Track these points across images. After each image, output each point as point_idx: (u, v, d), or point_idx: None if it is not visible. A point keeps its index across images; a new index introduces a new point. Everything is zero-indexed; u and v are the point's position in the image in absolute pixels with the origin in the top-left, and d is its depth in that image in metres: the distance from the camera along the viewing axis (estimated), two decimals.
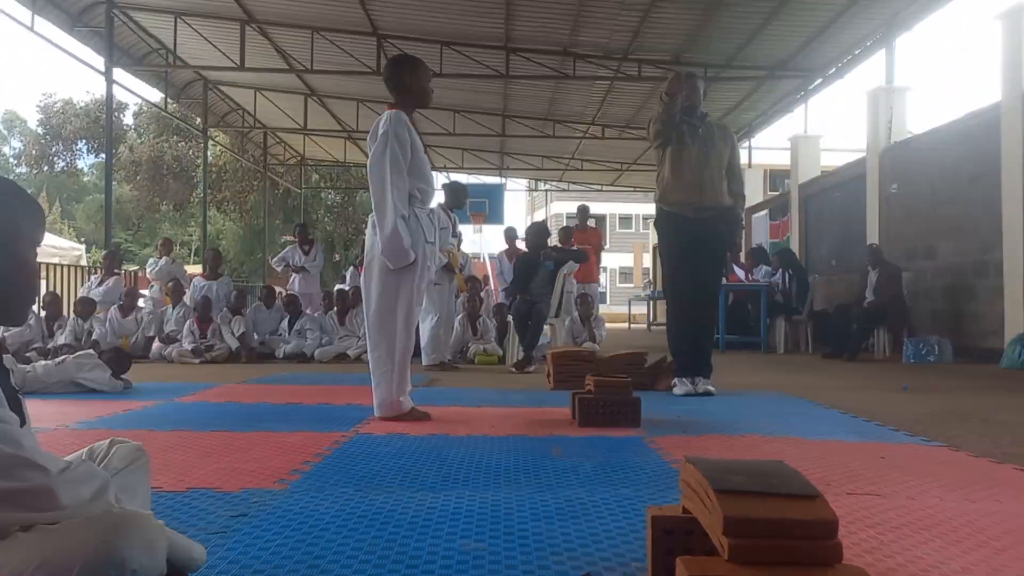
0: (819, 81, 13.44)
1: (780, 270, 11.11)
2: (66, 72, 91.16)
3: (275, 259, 12.12)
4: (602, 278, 19.20)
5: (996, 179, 8.26)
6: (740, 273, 11.16)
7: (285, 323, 9.49)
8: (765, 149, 22.03)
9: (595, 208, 21.20)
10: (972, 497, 2.44)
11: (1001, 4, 8.25)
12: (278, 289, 11.74)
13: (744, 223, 5.36)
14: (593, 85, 14.48)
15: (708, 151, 5.24)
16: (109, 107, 13.26)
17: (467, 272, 9.04)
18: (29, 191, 1.45)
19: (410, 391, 4.11)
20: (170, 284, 9.95)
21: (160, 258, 11.21)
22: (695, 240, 5.23)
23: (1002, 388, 5.97)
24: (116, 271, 10.56)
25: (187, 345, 8.77)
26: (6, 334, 7.92)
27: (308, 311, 9.75)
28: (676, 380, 5.31)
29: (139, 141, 32.78)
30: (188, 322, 9.00)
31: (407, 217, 3.96)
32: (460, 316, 8.66)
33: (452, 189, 8.51)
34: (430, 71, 4.29)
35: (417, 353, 7.59)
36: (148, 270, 11.30)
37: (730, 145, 5.42)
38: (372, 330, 4.05)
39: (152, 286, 11.08)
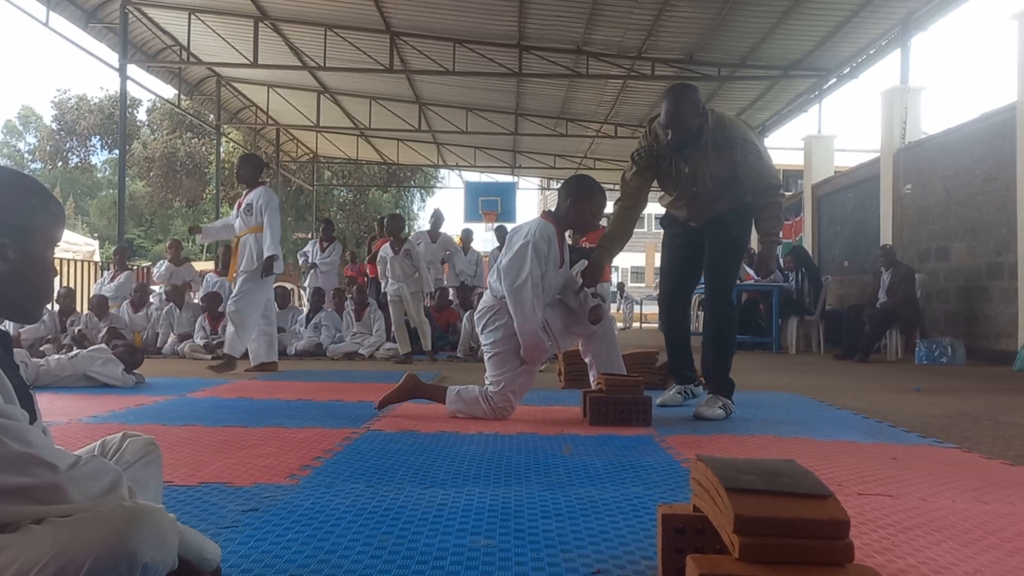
0: (833, 81, 13.40)
1: (793, 270, 11.06)
2: (80, 68, 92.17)
3: (299, 252, 12.30)
4: (613, 277, 19.17)
5: (1011, 180, 8.21)
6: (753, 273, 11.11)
7: (302, 318, 9.52)
8: (779, 149, 22.01)
9: (607, 207, 21.14)
10: (984, 499, 2.43)
11: (1017, 4, 8.20)
12: (289, 286, 11.77)
13: (782, 216, 4.71)
14: (606, 84, 14.47)
15: (697, 169, 4.48)
16: (123, 103, 13.31)
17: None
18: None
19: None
20: (182, 284, 9.92)
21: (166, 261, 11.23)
22: (686, 245, 4.80)
23: (1015, 390, 5.93)
24: (128, 267, 10.61)
25: (199, 341, 8.80)
26: (20, 330, 7.98)
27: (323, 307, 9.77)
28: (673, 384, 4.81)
29: (152, 137, 33.00)
30: (200, 318, 9.04)
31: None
32: (468, 313, 8.67)
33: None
34: (604, 206, 4.36)
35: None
36: (155, 273, 11.32)
37: (727, 150, 4.39)
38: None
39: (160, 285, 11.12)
